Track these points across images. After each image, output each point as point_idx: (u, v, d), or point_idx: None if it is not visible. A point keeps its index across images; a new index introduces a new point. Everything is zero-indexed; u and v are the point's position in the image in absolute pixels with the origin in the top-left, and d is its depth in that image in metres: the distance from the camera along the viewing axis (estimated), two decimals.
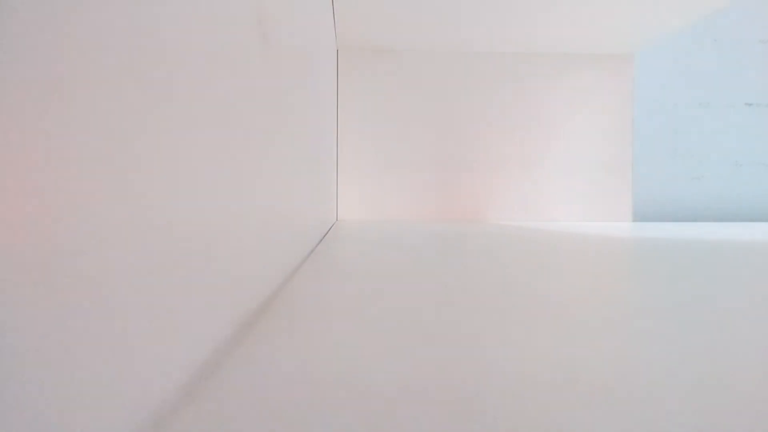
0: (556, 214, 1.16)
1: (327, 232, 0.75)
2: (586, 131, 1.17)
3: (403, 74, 1.14)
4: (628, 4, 0.90)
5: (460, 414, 0.13)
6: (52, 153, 0.10)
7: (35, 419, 0.09)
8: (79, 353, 0.11)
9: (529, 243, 0.59)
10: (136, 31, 0.13)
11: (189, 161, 0.16)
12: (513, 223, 1.05)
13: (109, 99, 0.12)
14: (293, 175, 0.38)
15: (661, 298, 0.28)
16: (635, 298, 0.28)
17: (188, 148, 0.16)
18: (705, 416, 0.13)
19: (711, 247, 0.57)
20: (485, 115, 1.16)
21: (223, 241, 0.20)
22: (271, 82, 0.29)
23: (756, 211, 1.46)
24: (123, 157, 0.12)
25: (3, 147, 0.08)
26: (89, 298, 0.11)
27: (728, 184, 1.46)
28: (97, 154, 0.11)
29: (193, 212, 0.17)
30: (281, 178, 0.33)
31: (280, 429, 0.13)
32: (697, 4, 0.89)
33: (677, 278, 0.35)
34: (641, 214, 1.39)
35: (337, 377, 0.16)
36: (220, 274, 0.19)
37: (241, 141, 0.22)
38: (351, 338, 0.20)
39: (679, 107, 1.44)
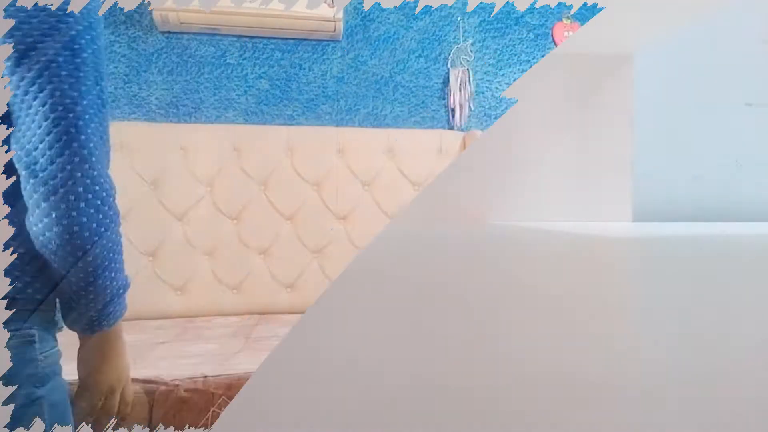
0: (556, 214, 1.16)
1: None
2: (585, 131, 1.17)
3: None
4: (628, 4, 0.90)
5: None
6: None
7: None
8: None
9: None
10: None
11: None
12: (514, 224, 1.05)
13: None
14: None
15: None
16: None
17: None
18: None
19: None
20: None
21: None
22: None
23: (756, 211, 1.46)
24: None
25: None
26: None
27: (728, 184, 1.46)
28: None
29: None
30: None
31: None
32: (697, 3, 0.89)
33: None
34: (641, 214, 1.39)
35: None
36: None
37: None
38: None
39: (679, 107, 1.43)
